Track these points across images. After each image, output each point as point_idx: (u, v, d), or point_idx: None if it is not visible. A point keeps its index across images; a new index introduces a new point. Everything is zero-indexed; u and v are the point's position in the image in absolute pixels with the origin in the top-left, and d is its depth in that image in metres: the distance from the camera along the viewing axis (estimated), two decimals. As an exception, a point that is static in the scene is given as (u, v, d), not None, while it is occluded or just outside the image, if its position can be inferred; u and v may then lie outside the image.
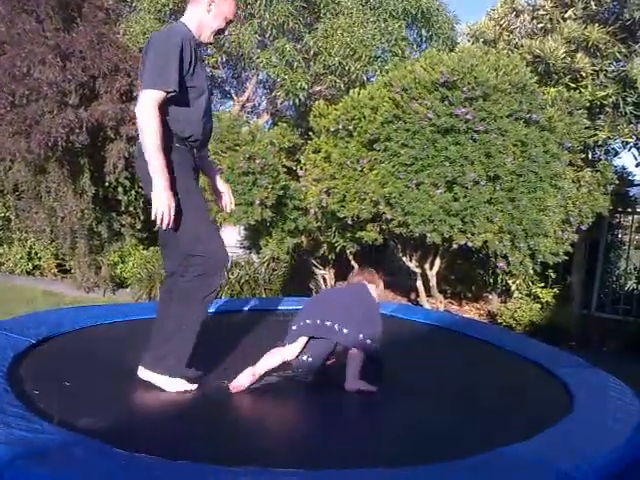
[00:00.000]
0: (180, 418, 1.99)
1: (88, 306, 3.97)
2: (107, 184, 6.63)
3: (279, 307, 3.88)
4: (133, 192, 6.80)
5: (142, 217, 7.07)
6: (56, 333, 2.76)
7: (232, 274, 6.17)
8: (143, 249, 7.10)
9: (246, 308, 3.83)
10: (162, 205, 2.01)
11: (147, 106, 1.99)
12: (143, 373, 2.14)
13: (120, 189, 6.71)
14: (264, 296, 5.81)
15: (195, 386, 2.16)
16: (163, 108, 2.05)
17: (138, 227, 7.16)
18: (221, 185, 2.55)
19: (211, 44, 2.38)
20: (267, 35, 6.54)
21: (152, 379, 2.13)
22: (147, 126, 2.00)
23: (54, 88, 6.02)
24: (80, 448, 1.51)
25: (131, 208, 6.98)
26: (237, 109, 7.77)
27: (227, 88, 8.36)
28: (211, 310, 3.63)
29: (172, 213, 2.04)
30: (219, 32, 2.26)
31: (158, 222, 2.04)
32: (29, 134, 6.11)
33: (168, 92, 2.02)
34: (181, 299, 2.17)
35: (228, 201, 2.53)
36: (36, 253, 7.82)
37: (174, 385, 2.12)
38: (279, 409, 2.18)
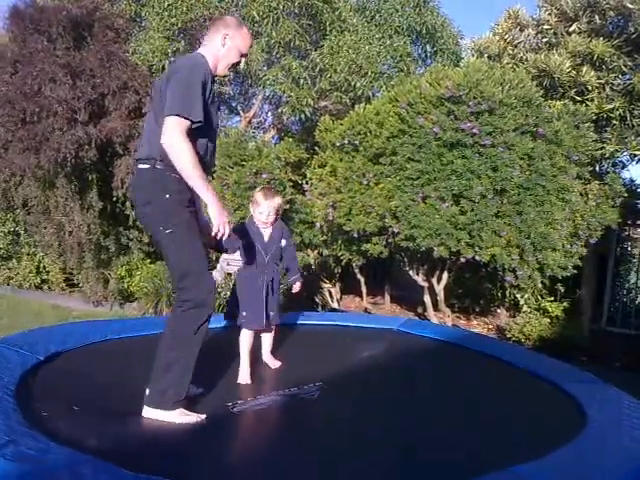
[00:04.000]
0: (186, 438, 1.97)
1: (95, 321, 3.98)
2: (115, 199, 6.68)
3: (284, 322, 3.86)
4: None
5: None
6: (64, 349, 2.76)
7: (239, 288, 6.16)
8: (150, 263, 7.12)
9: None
10: (222, 218, 2.08)
11: (177, 132, 2.02)
12: (146, 411, 2.12)
13: (128, 204, 6.75)
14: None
15: (202, 416, 2.13)
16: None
17: (145, 241, 7.18)
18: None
19: (225, 76, 2.46)
20: (274, 53, 6.62)
21: (155, 416, 2.10)
22: (182, 150, 2.02)
23: (64, 105, 6.10)
24: (86, 467, 1.50)
25: (138, 222, 7.01)
26: (244, 125, 7.84)
27: (234, 104, 8.44)
28: (218, 326, 3.63)
29: (229, 226, 2.12)
30: (233, 65, 2.31)
31: (220, 234, 2.10)
32: (39, 150, 6.19)
33: (193, 122, 2.05)
34: (173, 332, 2.17)
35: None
36: (44, 267, 7.87)
37: (177, 418, 2.10)
38: (284, 430, 2.15)
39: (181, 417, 2.11)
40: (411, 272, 6.12)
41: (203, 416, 2.12)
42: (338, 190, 5.65)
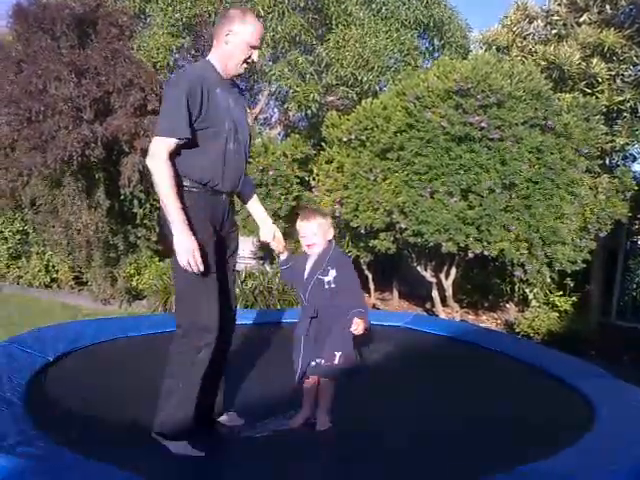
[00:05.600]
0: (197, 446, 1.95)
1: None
2: (122, 197, 6.68)
3: (293, 319, 3.85)
4: (148, 205, 6.85)
5: (157, 229, 7.11)
6: (73, 349, 2.76)
7: (246, 285, 6.16)
8: (159, 261, 7.12)
9: (260, 320, 3.81)
10: (185, 251, 1.92)
11: (157, 153, 1.95)
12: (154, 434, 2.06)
13: (135, 202, 6.75)
14: (278, 307, 5.78)
15: (201, 454, 1.99)
16: (177, 153, 2.00)
17: (154, 239, 7.19)
18: (266, 226, 2.37)
19: (240, 75, 2.21)
20: (280, 47, 6.58)
21: (160, 440, 2.03)
22: (158, 172, 1.95)
23: (69, 104, 6.09)
24: (96, 473, 1.50)
25: (146, 221, 7.02)
26: (250, 121, 7.81)
27: (240, 100, 8.41)
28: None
29: (198, 257, 1.93)
30: (245, 61, 2.11)
31: (187, 268, 1.93)
32: (45, 149, 6.19)
33: (179, 139, 1.96)
34: (171, 358, 2.07)
35: (279, 244, 2.38)
36: (53, 266, 7.90)
37: (176, 449, 2.00)
38: (292, 458, 2.06)
39: (180, 450, 1.99)
40: (419, 268, 6.09)
41: (202, 454, 1.99)
42: (345, 186, 5.62)
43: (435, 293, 6.08)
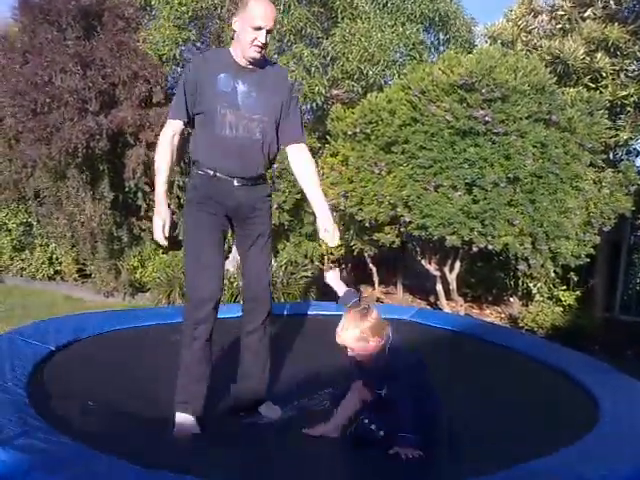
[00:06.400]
0: (197, 433, 1.97)
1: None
2: (127, 189, 6.69)
3: (297, 312, 3.88)
4: (152, 197, 6.86)
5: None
6: (76, 339, 2.75)
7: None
8: (163, 253, 7.13)
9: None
10: (154, 222, 2.15)
11: (162, 132, 2.21)
12: None
13: (140, 194, 6.77)
14: (282, 300, 5.80)
15: (197, 431, 2.04)
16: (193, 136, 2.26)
17: (157, 232, 7.20)
18: (318, 218, 2.27)
19: (255, 60, 2.16)
20: (285, 40, 6.56)
21: None
22: (157, 149, 2.22)
23: (75, 96, 6.11)
24: (95, 461, 1.50)
25: (151, 213, 7.02)
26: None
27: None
28: (231, 315, 3.64)
29: (160, 232, 2.12)
30: (254, 44, 2.10)
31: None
32: (50, 141, 6.21)
33: (177, 120, 2.19)
34: (181, 334, 2.19)
35: (329, 239, 2.25)
36: (57, 258, 7.91)
37: (177, 421, 2.06)
38: (293, 435, 2.10)
39: (179, 423, 2.04)
40: (423, 261, 6.11)
41: (197, 431, 2.03)
42: (350, 180, 5.63)
43: (439, 287, 6.10)
